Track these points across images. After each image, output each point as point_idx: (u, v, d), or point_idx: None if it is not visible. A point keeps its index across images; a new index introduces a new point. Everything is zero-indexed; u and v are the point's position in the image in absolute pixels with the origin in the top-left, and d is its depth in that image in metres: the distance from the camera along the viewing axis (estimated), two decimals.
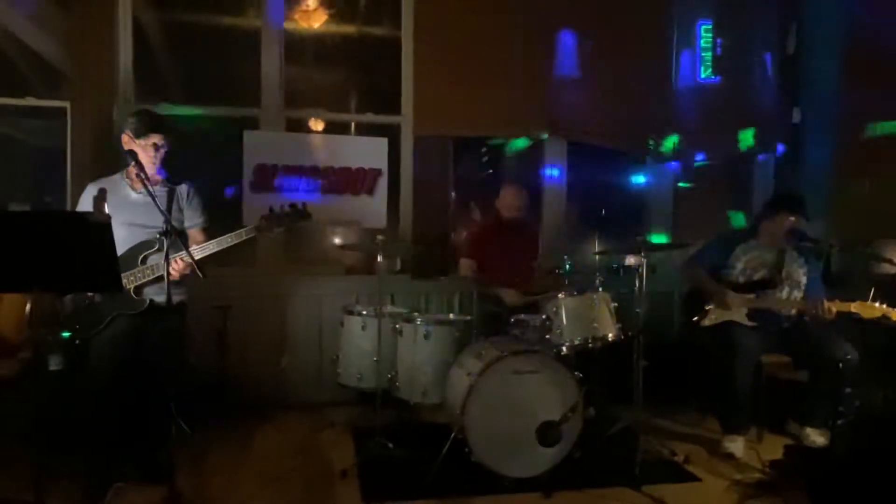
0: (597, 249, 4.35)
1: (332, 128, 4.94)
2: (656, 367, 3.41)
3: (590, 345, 3.38)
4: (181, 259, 2.90)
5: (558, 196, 4.85)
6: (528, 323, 3.55)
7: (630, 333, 3.39)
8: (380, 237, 3.47)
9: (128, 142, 3.06)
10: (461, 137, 4.82)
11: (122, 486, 2.87)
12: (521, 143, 4.98)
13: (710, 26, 5.09)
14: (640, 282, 3.30)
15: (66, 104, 4.16)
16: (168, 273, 2.67)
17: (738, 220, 5.23)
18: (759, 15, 5.14)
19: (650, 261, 3.32)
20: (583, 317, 3.37)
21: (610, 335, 3.38)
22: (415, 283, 4.47)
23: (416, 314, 3.77)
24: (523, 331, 3.55)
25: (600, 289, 3.47)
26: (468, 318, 3.72)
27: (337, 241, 4.54)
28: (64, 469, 2.86)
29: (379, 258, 3.50)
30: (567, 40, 4.69)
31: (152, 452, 3.00)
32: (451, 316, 3.86)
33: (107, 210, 3.01)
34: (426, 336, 3.54)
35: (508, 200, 4.05)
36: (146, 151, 2.99)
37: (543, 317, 3.43)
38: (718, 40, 5.06)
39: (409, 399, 3.59)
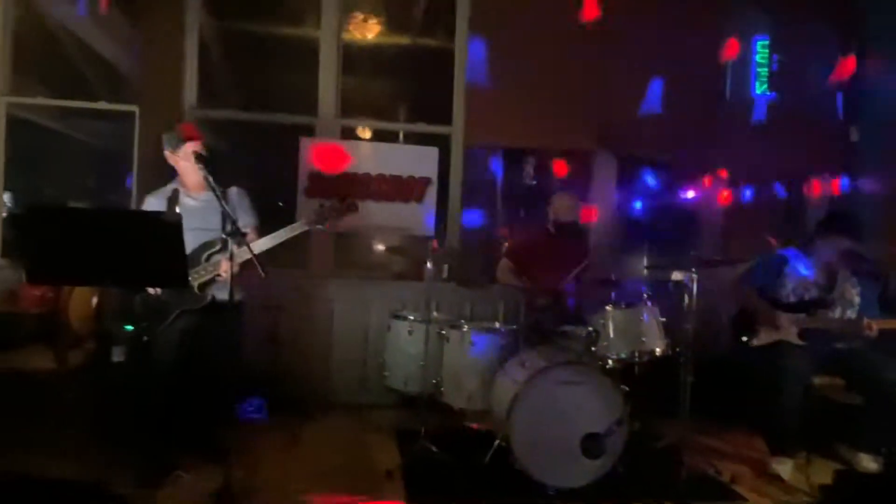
0: (645, 264, 4.33)
1: (380, 136, 5.06)
2: (703, 383, 3.38)
3: (636, 358, 3.38)
4: (264, 243, 3.07)
5: (607, 209, 4.86)
6: (574, 334, 3.57)
7: (678, 349, 3.37)
8: (432, 244, 3.54)
9: (170, 156, 3.21)
10: (510, 148, 4.87)
11: (182, 474, 2.99)
12: None
13: (766, 42, 5.04)
14: (689, 297, 3.29)
15: (135, 108, 4.36)
16: (232, 270, 2.79)
17: None
18: (817, 31, 5.06)
19: (700, 276, 3.30)
20: (630, 330, 3.37)
21: (658, 350, 3.37)
22: (461, 290, 4.51)
23: (462, 321, 3.82)
24: (569, 342, 3.57)
25: (649, 303, 3.46)
26: (514, 326, 3.75)
27: (386, 246, 4.64)
28: (127, 455, 2.99)
29: (428, 264, 3.56)
30: (620, 52, 4.69)
31: (209, 442, 3.14)
32: (497, 324, 3.89)
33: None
34: (472, 343, 3.59)
35: (564, 203, 4.05)
36: (188, 160, 3.13)
37: (590, 328, 3.44)
38: (775, 56, 5.01)
39: (453, 405, 3.64)
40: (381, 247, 5.01)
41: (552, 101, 4.58)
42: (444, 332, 3.73)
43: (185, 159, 3.13)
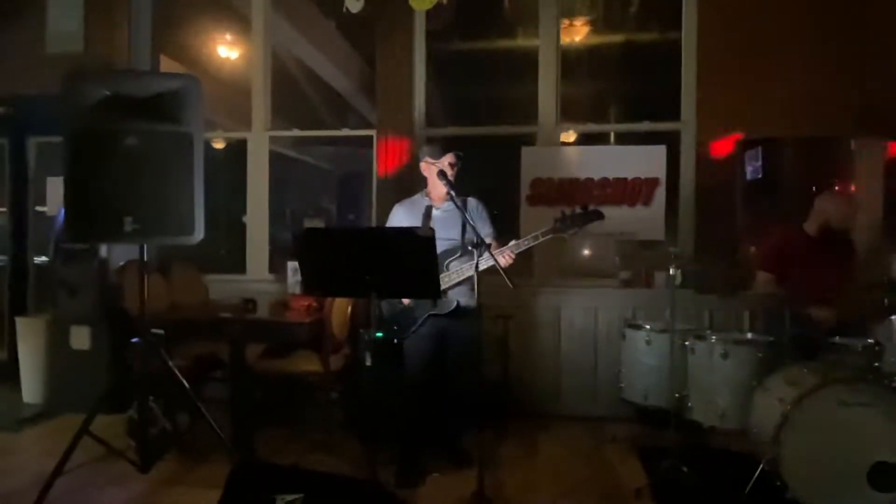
0: None
1: (587, 139, 4.91)
2: None
3: None
4: (510, 252, 3.14)
5: (873, 202, 4.20)
6: (848, 347, 3.11)
7: None
8: (673, 249, 3.34)
9: (426, 168, 3.38)
10: (749, 140, 4.42)
11: (437, 476, 3.14)
12: None
13: None
14: None
15: (373, 133, 4.71)
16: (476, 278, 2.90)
17: None
18: None
19: None
20: None
21: None
22: (698, 298, 4.20)
23: (709, 332, 3.54)
24: (842, 356, 3.13)
25: None
26: (771, 338, 3.38)
27: (611, 253, 4.50)
28: (385, 454, 3.20)
29: (671, 271, 3.35)
30: (884, 18, 4.05)
31: (459, 445, 3.27)
32: (751, 335, 3.55)
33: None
34: (724, 356, 3.30)
35: (840, 208, 3.54)
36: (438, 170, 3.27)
37: (870, 341, 2.99)
38: None
39: (703, 422, 3.37)
40: (607, 253, 4.87)
41: (800, 83, 4.10)
42: (687, 342, 3.49)
43: (439, 168, 3.26)
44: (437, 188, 3.34)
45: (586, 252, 5.03)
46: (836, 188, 3.74)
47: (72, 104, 2.93)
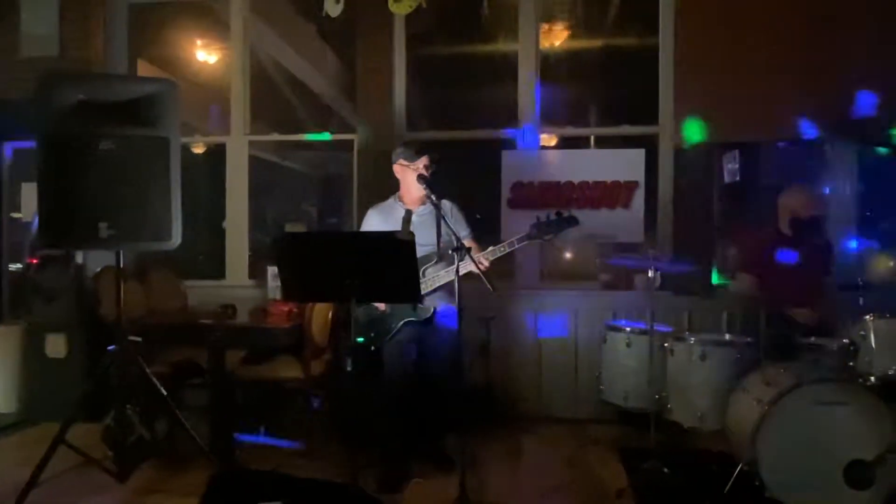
0: None
1: (568, 142, 4.95)
2: None
3: None
4: (485, 259, 3.13)
5: (845, 205, 4.28)
6: (823, 348, 3.17)
7: None
8: (651, 250, 3.37)
9: (400, 170, 3.37)
10: (726, 143, 4.49)
11: (419, 481, 3.14)
12: None
13: None
14: None
15: (354, 137, 4.71)
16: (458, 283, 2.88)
17: None
18: None
19: None
20: None
21: None
22: (676, 299, 4.24)
23: (687, 333, 3.58)
24: (818, 356, 3.18)
25: None
26: (748, 339, 3.43)
27: (592, 255, 4.53)
28: (367, 459, 3.19)
29: (649, 273, 3.38)
30: (856, 28, 4.14)
31: (441, 449, 3.26)
32: (729, 336, 3.59)
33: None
34: (702, 357, 3.34)
35: (803, 199, 3.61)
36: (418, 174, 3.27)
37: (845, 341, 3.04)
38: None
39: (683, 423, 3.41)
40: (587, 255, 4.91)
41: (776, 88, 4.17)
42: (667, 344, 3.52)
43: (415, 173, 3.27)
44: (412, 192, 3.34)
45: (567, 255, 5.05)
46: (794, 183, 3.80)
47: (46, 108, 2.89)
